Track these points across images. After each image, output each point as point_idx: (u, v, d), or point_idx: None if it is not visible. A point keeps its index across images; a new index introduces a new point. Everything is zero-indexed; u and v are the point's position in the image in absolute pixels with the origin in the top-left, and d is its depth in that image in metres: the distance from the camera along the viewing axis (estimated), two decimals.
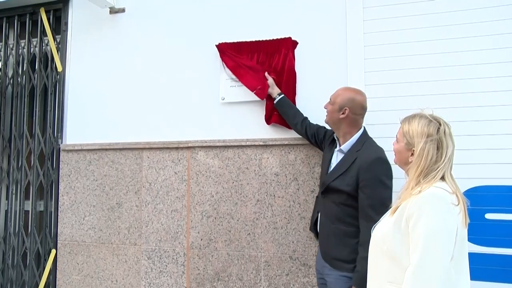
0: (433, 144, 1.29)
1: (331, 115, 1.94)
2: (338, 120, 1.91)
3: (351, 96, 1.90)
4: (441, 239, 1.20)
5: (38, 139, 2.90)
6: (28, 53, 2.98)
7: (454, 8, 2.19)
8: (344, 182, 1.81)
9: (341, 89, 1.97)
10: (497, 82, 2.09)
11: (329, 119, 1.97)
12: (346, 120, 1.89)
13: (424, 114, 1.37)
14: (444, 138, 1.30)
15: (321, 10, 2.39)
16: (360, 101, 1.90)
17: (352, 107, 1.87)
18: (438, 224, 1.21)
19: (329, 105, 1.96)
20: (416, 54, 2.22)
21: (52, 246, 2.81)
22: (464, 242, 1.29)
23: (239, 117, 2.48)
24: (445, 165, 1.29)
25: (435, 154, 1.29)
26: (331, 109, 1.94)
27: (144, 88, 2.69)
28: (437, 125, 1.32)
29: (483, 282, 1.98)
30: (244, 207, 2.42)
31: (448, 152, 1.30)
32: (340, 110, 1.89)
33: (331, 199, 1.89)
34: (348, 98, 1.89)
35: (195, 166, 2.52)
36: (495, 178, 2.04)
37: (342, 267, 1.79)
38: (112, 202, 2.68)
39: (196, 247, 2.48)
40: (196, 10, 2.62)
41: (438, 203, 1.23)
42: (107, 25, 2.81)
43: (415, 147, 1.33)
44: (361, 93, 1.94)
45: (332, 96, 1.97)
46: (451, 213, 1.23)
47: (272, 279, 2.33)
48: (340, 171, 1.85)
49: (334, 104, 1.92)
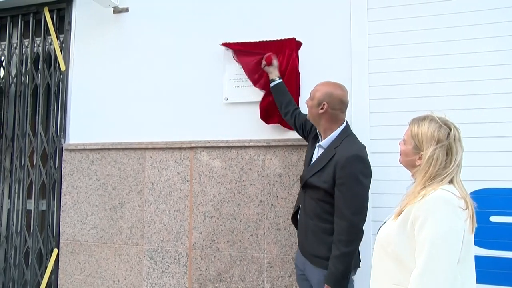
0: (443, 150, 1.27)
1: (310, 110, 1.91)
2: (318, 115, 1.87)
3: (329, 90, 1.85)
4: (447, 243, 1.18)
5: (41, 138, 2.90)
6: (31, 52, 2.98)
7: (460, 9, 2.18)
8: (321, 179, 1.78)
9: (320, 84, 1.93)
10: (503, 84, 2.09)
11: (309, 115, 1.94)
12: (325, 115, 1.85)
13: (434, 117, 1.33)
14: (454, 143, 1.28)
15: (326, 11, 2.38)
16: (339, 96, 1.85)
17: (331, 102, 1.83)
18: (444, 227, 1.19)
19: (309, 101, 1.93)
20: (421, 55, 2.21)
21: (54, 246, 2.80)
22: (471, 246, 1.27)
23: (242, 117, 2.48)
24: (453, 170, 1.27)
25: (444, 160, 1.27)
26: (310, 104, 1.91)
27: (147, 87, 2.69)
28: (447, 130, 1.29)
29: (488, 286, 1.97)
30: (246, 208, 2.41)
31: (458, 157, 1.28)
32: (319, 105, 1.85)
33: (310, 195, 1.86)
34: (326, 93, 1.85)
35: (198, 166, 2.52)
36: (500, 180, 2.03)
37: (322, 264, 1.76)
38: (115, 202, 2.68)
39: (199, 248, 2.47)
40: (200, 10, 2.62)
41: (445, 206, 1.21)
42: (110, 25, 2.81)
43: (423, 151, 1.30)
44: (340, 87, 1.89)
45: (311, 91, 1.94)
46: (458, 217, 1.21)
47: (275, 281, 2.32)
48: (318, 168, 1.82)
49: (313, 99, 1.89)
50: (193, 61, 2.61)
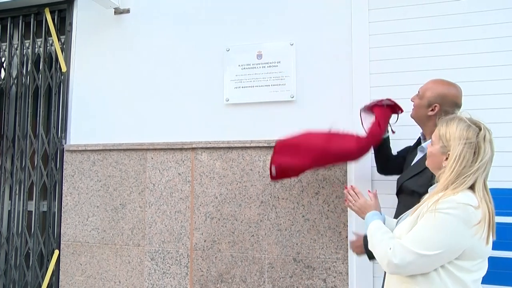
0: (470, 149, 1.22)
1: (417, 110, 1.73)
2: (426, 117, 1.69)
3: (443, 91, 1.67)
4: (437, 237, 1.19)
5: (42, 139, 2.90)
6: (32, 53, 2.99)
7: (462, 10, 2.18)
8: (418, 182, 1.61)
9: (432, 82, 1.73)
10: (503, 85, 2.09)
11: (415, 114, 1.76)
12: (435, 118, 1.59)
13: (463, 118, 1.29)
14: (483, 143, 1.22)
15: (327, 12, 2.39)
16: (453, 97, 1.66)
17: (443, 103, 1.64)
18: (444, 225, 1.19)
19: (417, 99, 1.74)
20: (422, 56, 2.21)
21: (55, 247, 2.80)
22: (485, 262, 1.25)
23: (243, 118, 2.48)
24: (477, 171, 1.21)
25: (471, 159, 1.22)
26: (418, 103, 1.72)
27: (148, 88, 2.69)
28: (477, 130, 1.24)
29: (486, 285, 1.96)
30: (248, 209, 2.41)
31: (485, 158, 1.22)
32: (429, 106, 1.67)
33: (403, 202, 1.70)
34: (439, 94, 1.66)
35: (199, 167, 2.52)
36: (498, 181, 2.03)
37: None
38: (116, 203, 2.68)
39: (200, 249, 2.48)
40: (201, 12, 2.63)
41: (454, 211, 1.18)
42: (111, 26, 2.81)
43: (450, 151, 1.25)
44: (455, 87, 1.69)
45: (421, 88, 1.75)
46: (460, 234, 1.18)
47: (276, 281, 2.33)
48: (416, 171, 1.65)
49: (423, 98, 1.70)
50: (194, 62, 2.61)
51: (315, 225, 2.29)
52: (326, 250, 2.26)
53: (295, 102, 2.40)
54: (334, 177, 2.29)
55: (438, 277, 1.22)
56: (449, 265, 1.21)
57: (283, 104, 2.41)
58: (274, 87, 2.42)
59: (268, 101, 2.43)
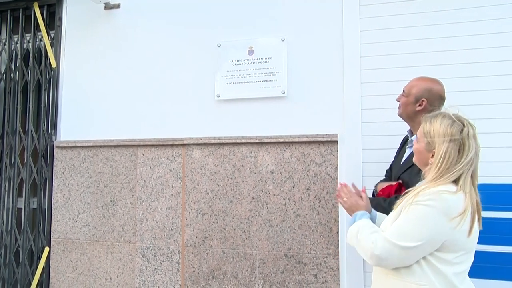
0: (455, 146, 1.24)
1: (405, 107, 1.81)
2: (414, 113, 1.77)
3: (428, 86, 1.77)
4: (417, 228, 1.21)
5: (32, 135, 2.87)
6: (21, 48, 2.95)
7: (452, 6, 2.19)
8: (411, 175, 1.67)
9: (416, 79, 1.83)
10: (493, 81, 2.11)
11: (403, 112, 1.84)
12: (423, 112, 1.68)
13: (447, 114, 1.30)
14: (467, 140, 1.24)
15: (318, 8, 2.39)
16: (438, 91, 1.76)
17: (430, 98, 1.74)
18: (424, 217, 1.21)
19: (403, 97, 1.83)
20: (413, 52, 2.22)
21: (45, 244, 2.78)
22: (469, 255, 1.27)
23: (234, 114, 2.48)
24: (462, 167, 1.23)
25: (456, 156, 1.24)
26: (405, 101, 1.81)
27: (139, 85, 2.67)
28: (461, 126, 1.26)
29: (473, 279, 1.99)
30: (239, 205, 2.41)
31: (470, 154, 1.23)
32: (417, 102, 1.76)
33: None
34: (425, 89, 1.76)
35: (190, 163, 2.51)
36: (485, 176, 2.05)
37: None
38: (107, 200, 2.66)
39: (191, 245, 2.47)
40: (192, 7, 2.61)
41: (435, 203, 1.20)
42: (102, 21, 2.78)
43: (436, 149, 1.27)
44: (438, 82, 1.80)
45: (405, 87, 1.84)
46: (439, 226, 1.20)
47: (267, 277, 2.33)
48: (410, 164, 1.69)
49: (409, 95, 1.79)
50: (185, 57, 2.59)
51: (306, 221, 2.30)
52: (317, 245, 2.27)
53: (286, 98, 2.40)
54: (325, 173, 2.29)
55: (420, 269, 1.24)
56: (431, 256, 1.23)
57: (274, 100, 2.41)
58: (265, 83, 2.42)
59: (259, 97, 2.43)
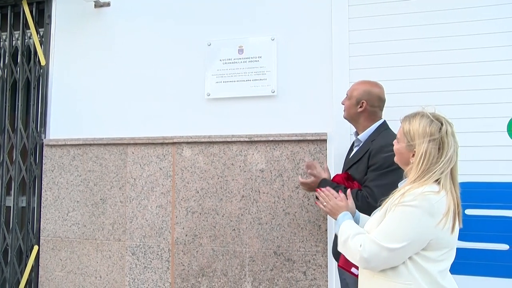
0: (435, 145, 1.26)
1: (348, 110, 1.93)
2: (356, 114, 1.89)
3: (367, 88, 1.89)
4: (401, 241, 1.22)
5: (21, 134, 2.85)
6: (10, 46, 2.92)
7: (442, 7, 2.22)
8: (358, 170, 1.81)
9: (356, 83, 1.96)
10: (482, 80, 2.14)
11: (347, 115, 1.96)
12: (364, 113, 1.87)
13: (425, 113, 1.32)
14: (446, 138, 1.26)
15: (307, 8, 2.40)
16: (377, 93, 1.89)
17: (369, 99, 1.86)
18: (409, 219, 1.22)
19: (346, 101, 1.95)
20: (402, 52, 2.25)
21: (34, 242, 2.77)
22: (452, 252, 1.29)
23: (224, 113, 2.48)
24: (443, 165, 1.25)
25: (436, 155, 1.26)
26: (348, 104, 1.93)
27: (129, 83, 2.67)
28: (439, 124, 1.28)
29: (461, 276, 2.02)
30: (229, 203, 2.42)
31: (449, 152, 1.26)
32: (358, 103, 1.88)
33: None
34: (364, 91, 1.88)
35: (180, 162, 2.52)
36: (473, 174, 2.09)
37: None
38: (96, 198, 2.66)
39: (181, 243, 2.48)
40: (183, 6, 2.61)
41: (419, 202, 1.22)
42: (91, 19, 2.77)
43: (416, 148, 1.29)
44: (377, 85, 1.92)
45: (348, 91, 1.96)
46: (424, 226, 1.22)
47: (257, 275, 2.35)
48: (355, 159, 1.85)
49: (351, 98, 1.91)
50: (175, 56, 2.60)
51: (295, 219, 2.32)
52: (306, 243, 2.29)
53: (276, 97, 2.41)
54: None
55: (406, 269, 1.25)
56: (416, 256, 1.24)
57: (264, 99, 2.43)
58: (255, 82, 2.43)
59: (249, 96, 2.44)
